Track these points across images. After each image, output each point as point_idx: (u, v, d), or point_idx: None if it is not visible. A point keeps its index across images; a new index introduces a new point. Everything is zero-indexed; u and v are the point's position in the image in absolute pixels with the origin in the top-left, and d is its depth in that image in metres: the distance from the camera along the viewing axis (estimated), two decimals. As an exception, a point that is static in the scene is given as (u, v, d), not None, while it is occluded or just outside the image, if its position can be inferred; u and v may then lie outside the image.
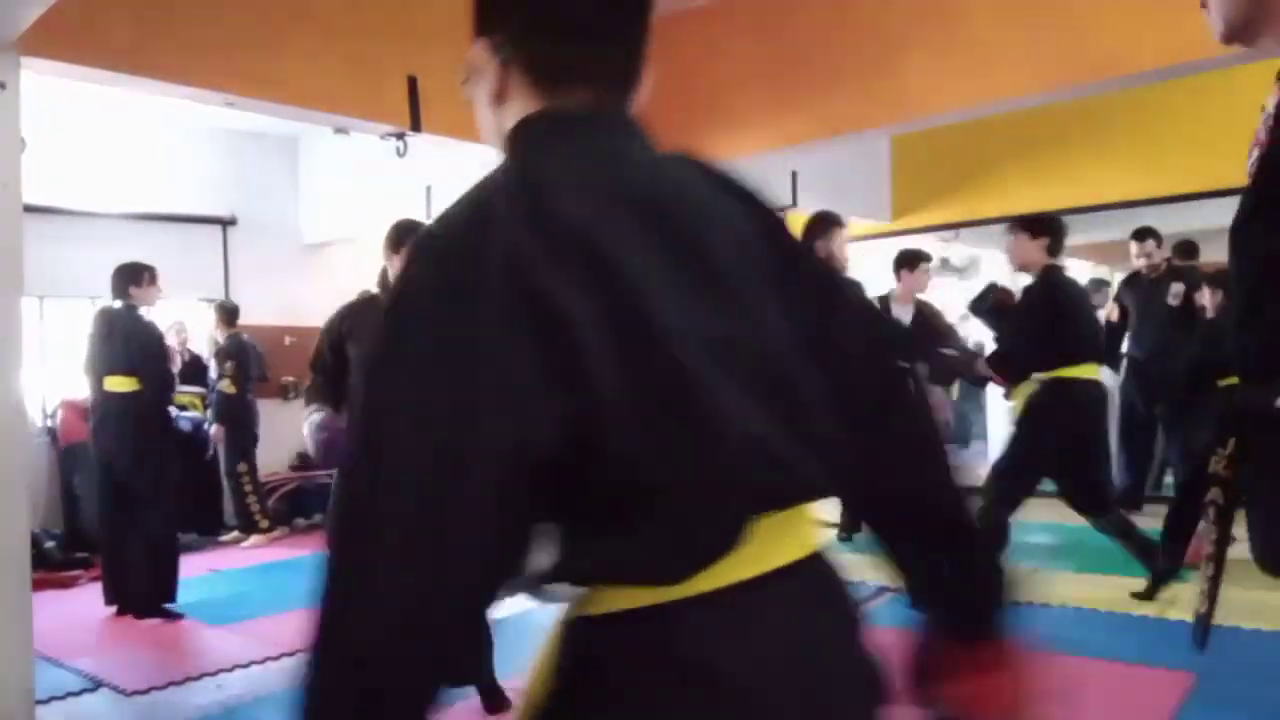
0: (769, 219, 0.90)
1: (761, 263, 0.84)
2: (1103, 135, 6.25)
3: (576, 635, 0.78)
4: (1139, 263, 5.48)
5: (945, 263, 7.50)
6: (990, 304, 4.37)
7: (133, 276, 4.43)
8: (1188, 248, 5.53)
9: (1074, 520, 3.84)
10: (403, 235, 3.16)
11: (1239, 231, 1.12)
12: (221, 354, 6.39)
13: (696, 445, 0.73)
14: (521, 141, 0.85)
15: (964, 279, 8.16)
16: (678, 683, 0.75)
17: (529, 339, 0.68)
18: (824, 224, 3.98)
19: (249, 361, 6.41)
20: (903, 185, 7.34)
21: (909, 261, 5.19)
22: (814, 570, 0.87)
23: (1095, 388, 3.88)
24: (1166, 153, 6.00)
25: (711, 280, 0.78)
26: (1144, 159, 6.13)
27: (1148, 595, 3.88)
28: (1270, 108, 1.11)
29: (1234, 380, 1.19)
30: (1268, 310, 1.08)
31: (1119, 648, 3.31)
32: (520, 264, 0.69)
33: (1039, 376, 3.85)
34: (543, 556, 0.74)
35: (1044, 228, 3.94)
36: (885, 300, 5.18)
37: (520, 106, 0.86)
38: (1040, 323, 3.85)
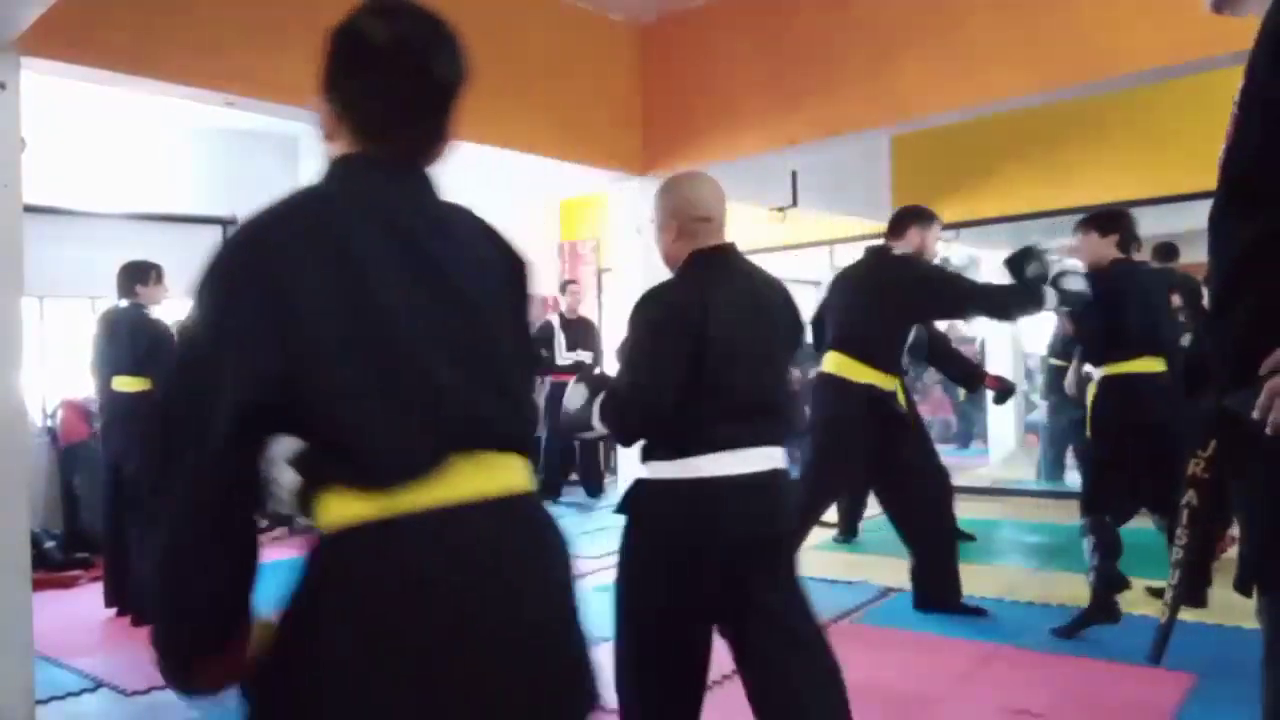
0: (516, 265, 1.25)
1: (501, 290, 1.20)
2: (1103, 135, 6.26)
3: (312, 554, 1.07)
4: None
5: (945, 263, 7.49)
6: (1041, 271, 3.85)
7: (139, 275, 4.42)
8: (1166, 250, 5.50)
9: (1074, 521, 3.83)
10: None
11: (1216, 224, 1.12)
12: None
13: (399, 390, 1.04)
14: (332, 170, 1.18)
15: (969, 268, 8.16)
16: (393, 582, 1.01)
17: (265, 302, 1.02)
18: (922, 217, 3.86)
19: None
20: (903, 185, 7.33)
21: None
22: (518, 507, 1.13)
23: (1151, 380, 3.65)
24: (1166, 153, 6.00)
25: (442, 286, 1.11)
26: (1143, 159, 6.13)
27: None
28: (1237, 97, 1.11)
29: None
30: (1235, 312, 1.08)
31: (1119, 648, 3.31)
32: (275, 253, 1.05)
33: (1100, 373, 3.75)
34: (290, 476, 1.05)
35: (1114, 224, 3.80)
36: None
37: (343, 146, 1.19)
38: (1097, 317, 3.75)
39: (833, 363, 3.82)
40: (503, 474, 1.11)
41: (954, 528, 4.23)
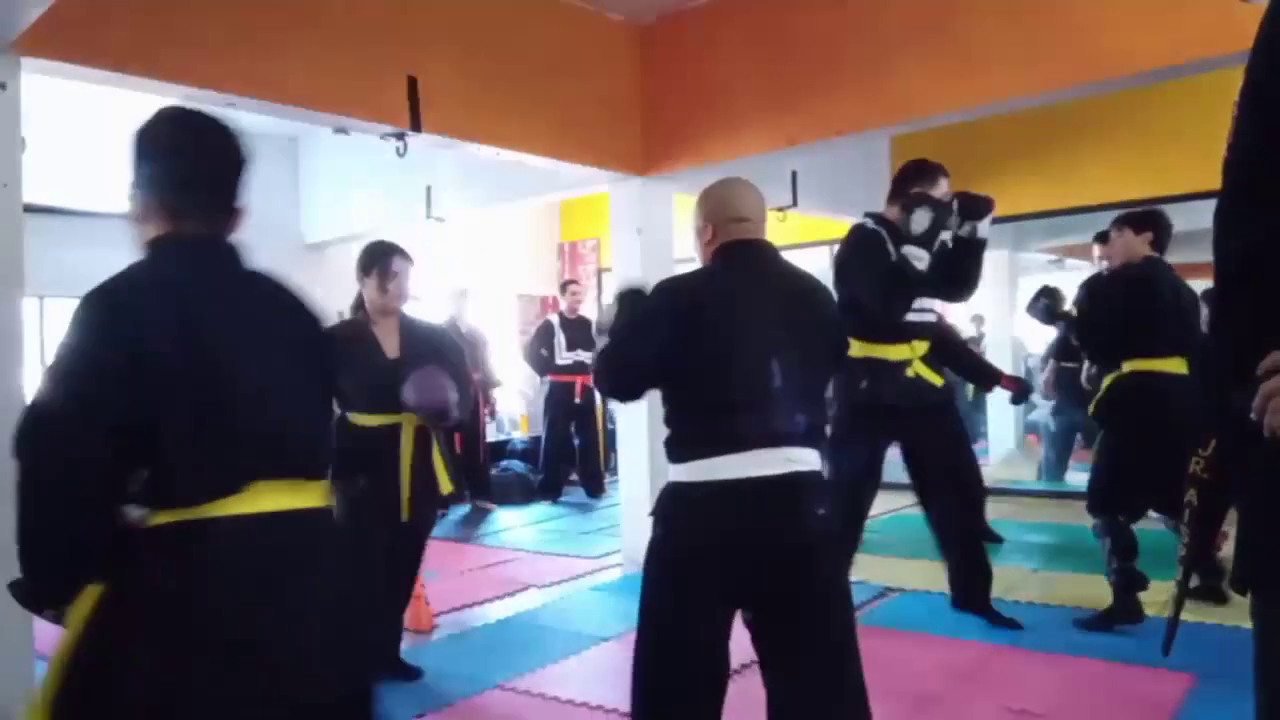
0: (314, 324, 1.60)
1: (300, 341, 1.55)
2: (1103, 135, 6.25)
3: (128, 545, 1.35)
4: (1100, 265, 5.41)
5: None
6: (1044, 308, 4.21)
7: None
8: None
9: (1074, 520, 3.84)
10: (372, 259, 3.26)
11: (1219, 223, 1.11)
12: None
13: (221, 432, 1.38)
14: (152, 251, 1.47)
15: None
16: (191, 571, 1.35)
17: (122, 359, 1.32)
18: (928, 172, 3.71)
19: None
20: (903, 185, 7.33)
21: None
22: (309, 519, 1.46)
23: (1178, 381, 3.61)
24: (1166, 153, 6.00)
25: (265, 343, 1.47)
26: (1144, 159, 6.13)
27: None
28: (1238, 96, 1.11)
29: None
30: (1237, 311, 1.08)
31: (1119, 648, 3.31)
32: (132, 320, 1.35)
33: (1125, 369, 3.72)
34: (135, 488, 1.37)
35: (1149, 223, 3.81)
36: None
37: (154, 228, 1.48)
38: (1118, 313, 3.74)
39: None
40: (302, 494, 1.45)
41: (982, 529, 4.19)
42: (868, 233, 3.61)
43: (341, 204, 6.98)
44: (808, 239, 7.64)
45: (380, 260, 3.26)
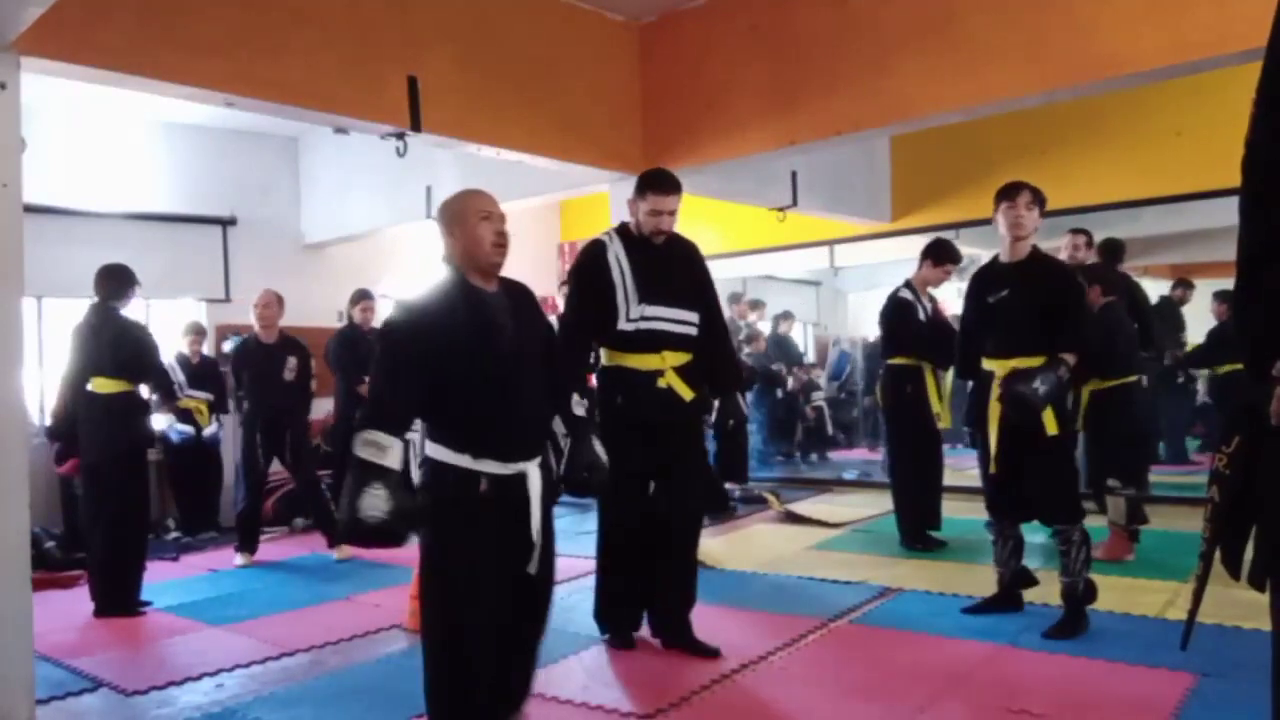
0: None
1: None
2: (1103, 135, 6.25)
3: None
4: (1065, 255, 5.38)
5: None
6: None
7: (129, 280, 4.43)
8: (1112, 252, 5.46)
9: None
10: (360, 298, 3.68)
11: (1241, 219, 1.11)
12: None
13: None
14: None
15: (963, 279, 8.16)
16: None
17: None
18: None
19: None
20: (903, 185, 7.33)
21: (935, 254, 5.13)
22: None
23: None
24: (1166, 153, 5.99)
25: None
26: (1144, 159, 6.13)
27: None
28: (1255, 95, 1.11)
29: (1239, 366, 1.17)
30: (1254, 307, 1.08)
31: (1119, 648, 3.31)
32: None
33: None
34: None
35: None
36: (910, 286, 5.14)
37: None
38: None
39: None
40: None
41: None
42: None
43: (341, 204, 6.98)
44: (808, 239, 7.63)
45: (365, 300, 3.73)
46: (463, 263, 2.39)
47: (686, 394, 3.41)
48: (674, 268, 3.47)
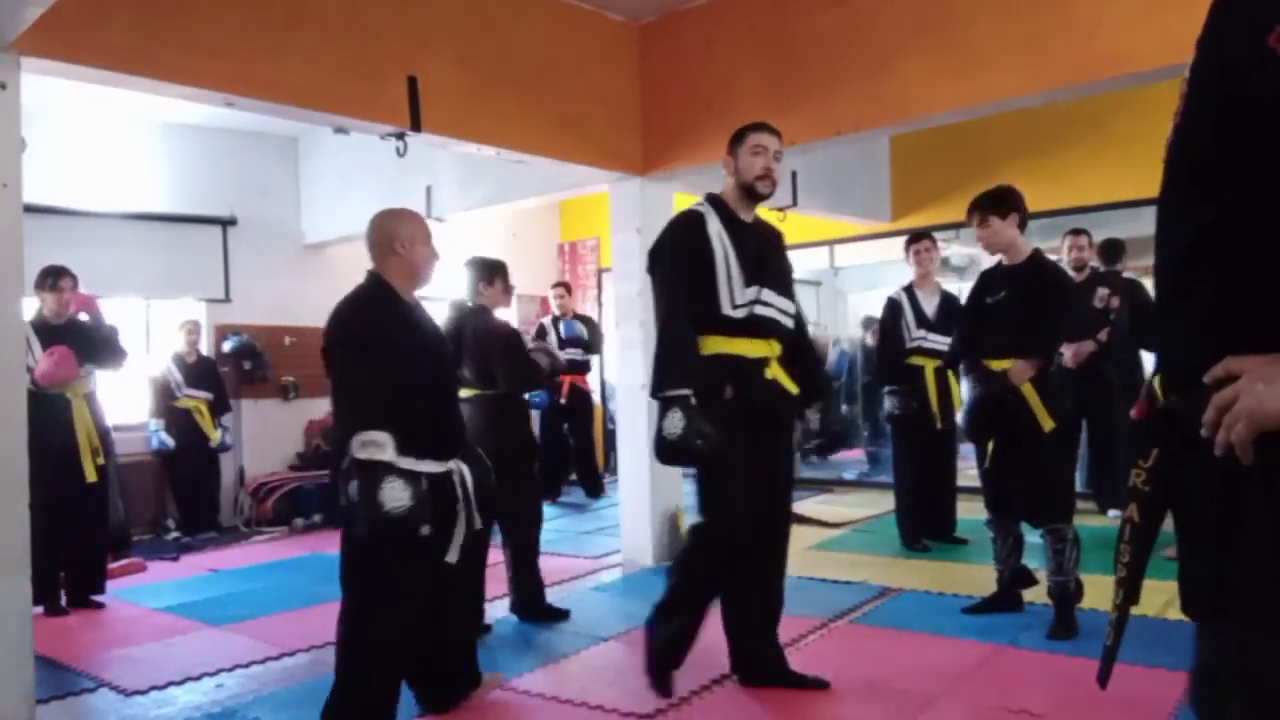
0: None
1: None
2: (1103, 135, 6.25)
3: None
4: (1068, 257, 5.38)
5: (946, 262, 7.49)
6: None
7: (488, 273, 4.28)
8: (1111, 252, 5.47)
9: (1075, 520, 3.83)
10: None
11: (1163, 213, 1.05)
12: None
13: None
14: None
15: (963, 279, 8.16)
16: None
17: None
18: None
19: None
20: (903, 185, 7.34)
21: (909, 242, 5.32)
22: None
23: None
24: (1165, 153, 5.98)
25: None
26: (1143, 159, 6.07)
27: None
28: (1186, 74, 1.06)
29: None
30: (1190, 304, 0.98)
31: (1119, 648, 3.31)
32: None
33: None
34: None
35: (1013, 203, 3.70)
36: (910, 290, 5.17)
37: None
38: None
39: None
40: None
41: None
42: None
43: (341, 204, 6.98)
44: (808, 239, 7.64)
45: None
46: (402, 280, 2.64)
47: (793, 387, 3.03)
48: (771, 248, 3.11)
